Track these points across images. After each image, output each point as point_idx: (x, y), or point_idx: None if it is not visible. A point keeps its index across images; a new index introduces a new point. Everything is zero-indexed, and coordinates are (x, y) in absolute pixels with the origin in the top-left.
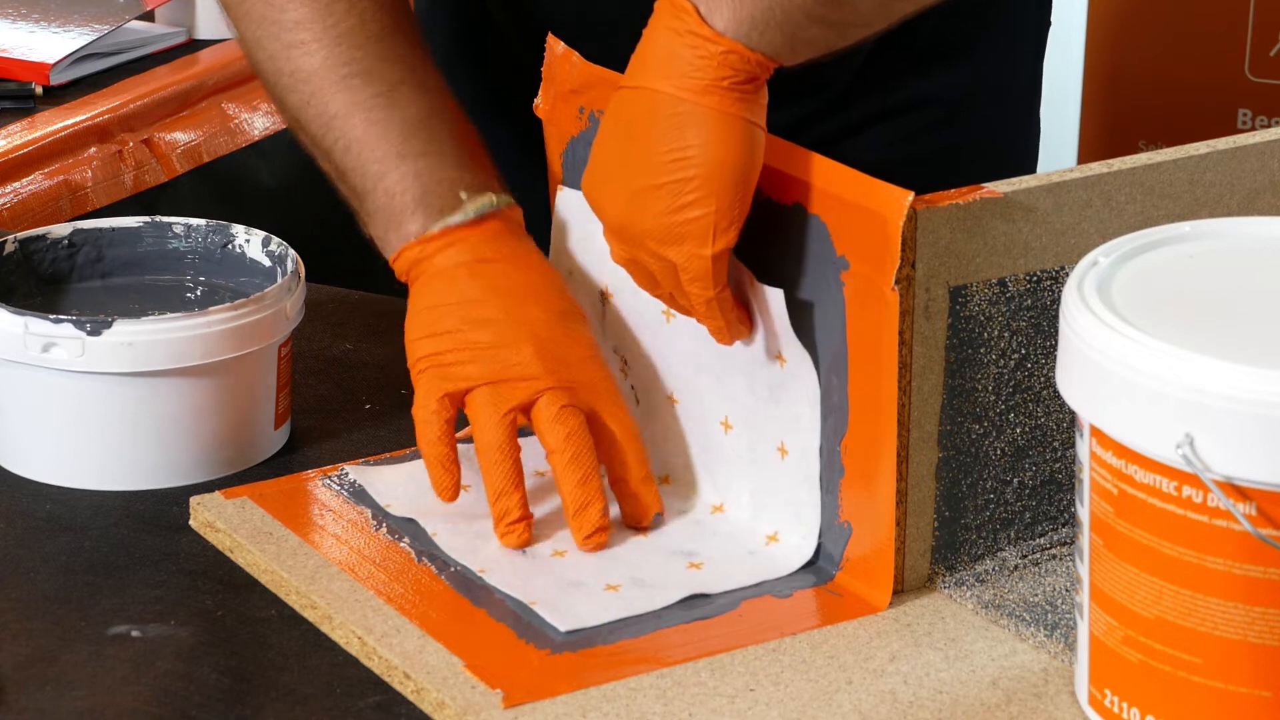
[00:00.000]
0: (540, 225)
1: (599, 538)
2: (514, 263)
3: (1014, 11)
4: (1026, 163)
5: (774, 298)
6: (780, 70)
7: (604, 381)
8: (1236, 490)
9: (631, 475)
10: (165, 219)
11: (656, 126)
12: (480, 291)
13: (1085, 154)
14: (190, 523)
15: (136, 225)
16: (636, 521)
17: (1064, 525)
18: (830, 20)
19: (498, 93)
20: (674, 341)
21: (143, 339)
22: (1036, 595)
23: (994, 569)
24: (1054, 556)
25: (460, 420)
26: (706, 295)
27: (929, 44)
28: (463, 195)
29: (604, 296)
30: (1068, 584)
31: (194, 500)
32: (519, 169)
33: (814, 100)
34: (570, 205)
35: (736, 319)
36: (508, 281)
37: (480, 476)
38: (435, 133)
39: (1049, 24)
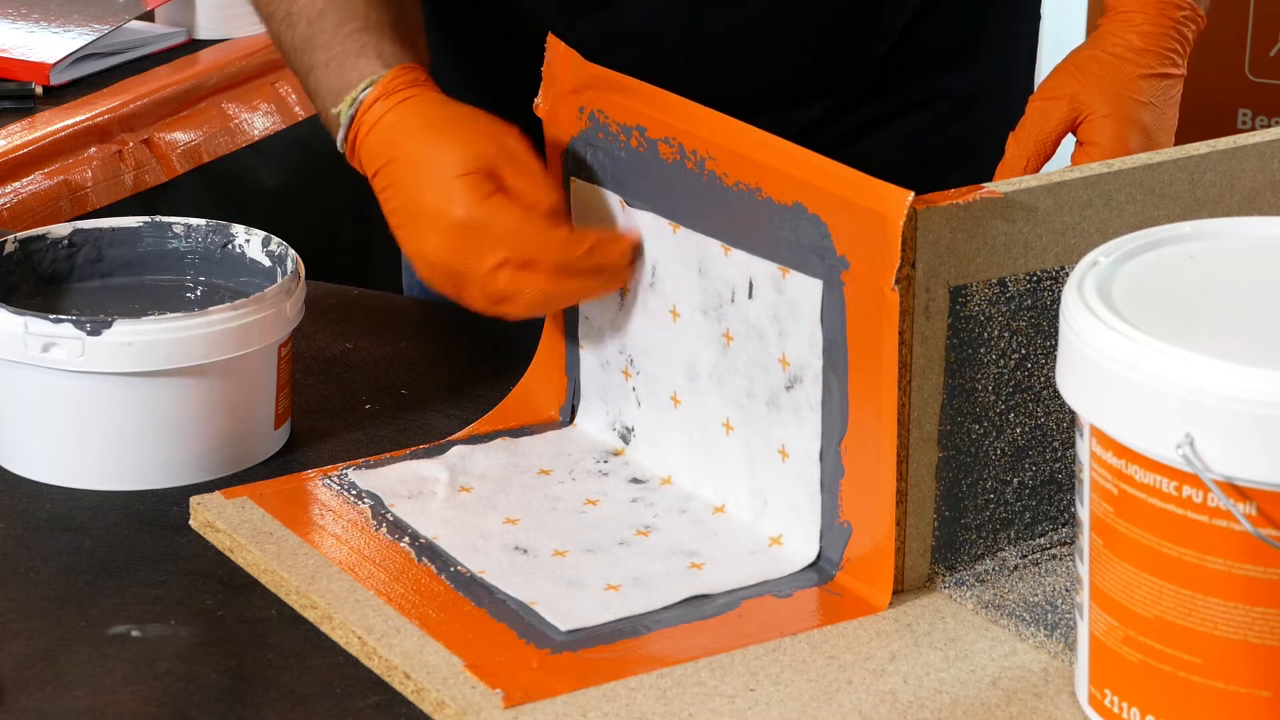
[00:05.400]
0: None
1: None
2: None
3: (1012, 13)
4: None
5: (811, 288)
6: (800, 72)
7: None
8: (1236, 490)
9: None
10: (165, 219)
11: None
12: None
13: None
14: (190, 523)
15: (136, 225)
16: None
17: (1064, 525)
18: None
19: (496, 93)
20: (678, 342)
21: (143, 339)
22: (1036, 595)
23: (994, 569)
24: (1054, 556)
25: (458, 423)
26: None
27: (937, 39)
28: (333, 112)
29: (623, 290)
30: (1068, 584)
31: (194, 500)
32: None
33: (833, 99)
34: (588, 198)
35: None
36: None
37: (481, 479)
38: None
39: (1039, 16)
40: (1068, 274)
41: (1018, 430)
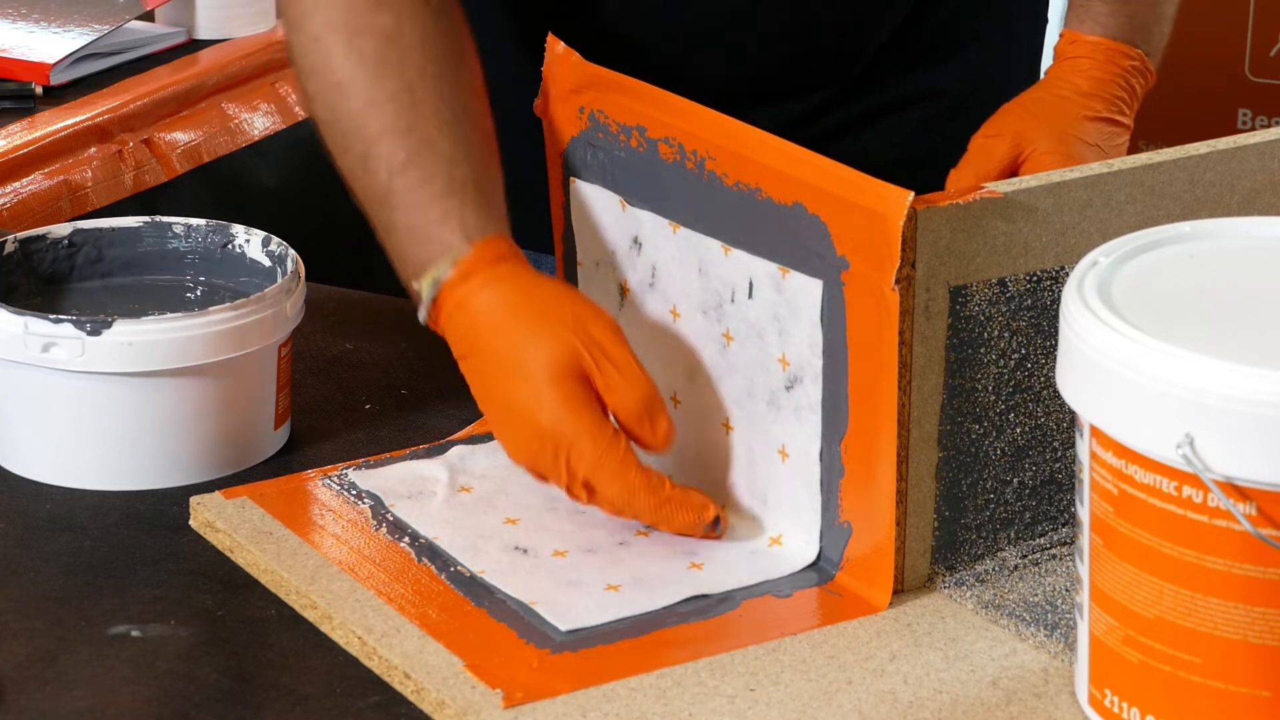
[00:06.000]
0: (542, 224)
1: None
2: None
3: (1014, 13)
4: None
5: (812, 288)
6: (795, 63)
7: None
8: (1236, 490)
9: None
10: (165, 219)
11: None
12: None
13: None
14: (190, 523)
15: (136, 225)
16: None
17: (1064, 525)
18: None
19: (498, 93)
20: (679, 342)
21: (143, 339)
22: (1036, 595)
23: (994, 569)
24: (1054, 556)
25: (458, 423)
26: None
27: (934, 36)
28: (414, 285)
29: (622, 290)
30: (1068, 584)
31: (194, 500)
32: (520, 169)
33: (824, 92)
34: (588, 198)
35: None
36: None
37: (481, 479)
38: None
39: (1045, 19)
40: (1068, 274)
41: (1018, 430)
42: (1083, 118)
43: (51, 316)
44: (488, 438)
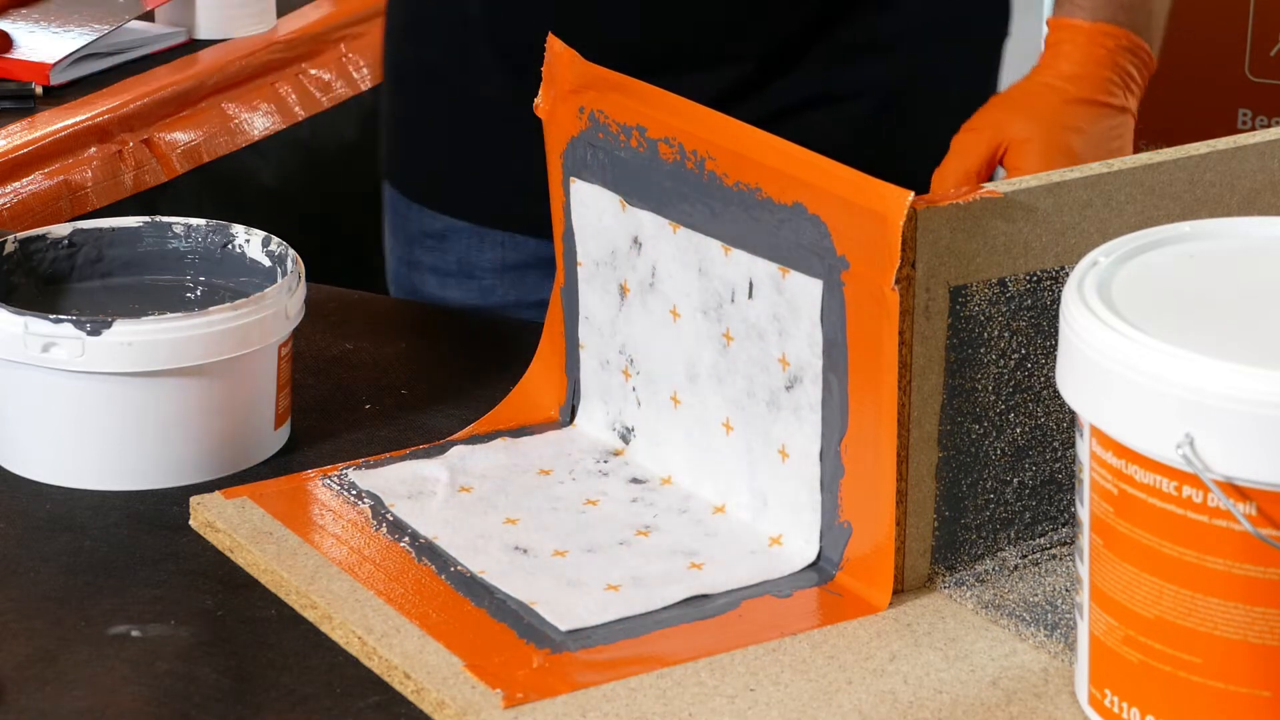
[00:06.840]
0: (542, 224)
1: None
2: None
3: (964, 10)
4: None
5: (811, 288)
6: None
7: None
8: (1236, 490)
9: None
10: (165, 219)
11: None
12: None
13: None
14: (190, 523)
15: (136, 225)
16: None
17: (1064, 525)
18: None
19: (499, 91)
20: (679, 342)
21: (143, 339)
22: (1036, 595)
23: (994, 569)
24: (1054, 556)
25: (458, 423)
26: None
27: (874, 30)
28: None
29: (623, 290)
30: (1068, 584)
31: (194, 500)
32: (520, 169)
33: (742, 65)
34: (588, 198)
35: None
36: None
37: (481, 479)
38: None
39: (1005, 31)
40: (1068, 274)
41: (1018, 430)
42: (1064, 101)
43: (51, 316)
44: (488, 438)
